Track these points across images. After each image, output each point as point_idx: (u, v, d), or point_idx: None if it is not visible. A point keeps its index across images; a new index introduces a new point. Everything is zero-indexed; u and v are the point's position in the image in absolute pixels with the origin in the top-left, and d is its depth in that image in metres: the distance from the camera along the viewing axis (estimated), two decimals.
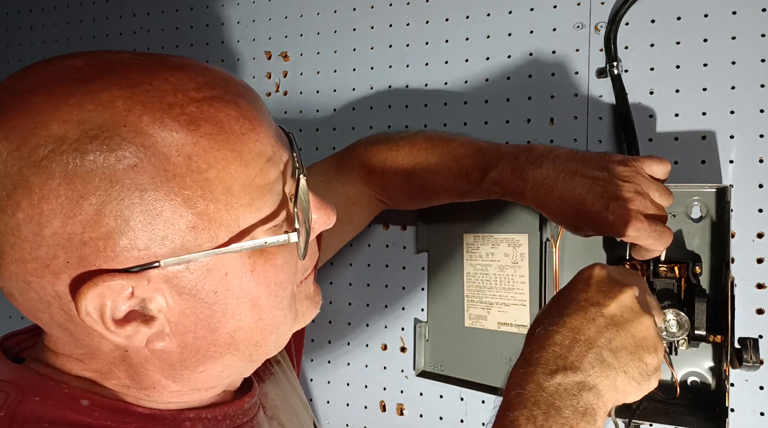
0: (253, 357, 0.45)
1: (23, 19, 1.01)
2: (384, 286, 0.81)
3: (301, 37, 0.85)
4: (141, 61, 0.39)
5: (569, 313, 0.46)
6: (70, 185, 0.35)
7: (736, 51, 0.66)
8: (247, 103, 0.40)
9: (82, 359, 0.42)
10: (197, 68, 0.40)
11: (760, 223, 0.65)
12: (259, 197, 0.40)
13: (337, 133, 0.82)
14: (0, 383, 0.41)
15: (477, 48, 0.76)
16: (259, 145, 0.40)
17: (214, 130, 0.38)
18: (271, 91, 0.86)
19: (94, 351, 0.41)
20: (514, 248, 0.72)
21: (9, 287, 0.39)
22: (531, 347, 0.45)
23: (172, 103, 0.37)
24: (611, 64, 0.69)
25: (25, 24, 1.01)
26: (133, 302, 0.38)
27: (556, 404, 0.42)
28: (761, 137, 0.65)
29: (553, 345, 0.44)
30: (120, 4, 0.95)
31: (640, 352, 0.45)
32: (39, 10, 1.00)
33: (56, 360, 0.43)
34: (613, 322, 0.45)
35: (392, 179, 0.67)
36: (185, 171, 0.37)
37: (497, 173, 0.61)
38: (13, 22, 1.02)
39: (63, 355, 0.43)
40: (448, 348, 0.76)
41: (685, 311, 0.60)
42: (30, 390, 0.40)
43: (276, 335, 0.45)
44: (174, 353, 0.42)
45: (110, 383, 0.43)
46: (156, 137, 0.36)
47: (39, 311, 0.39)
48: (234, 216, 0.39)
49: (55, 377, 0.42)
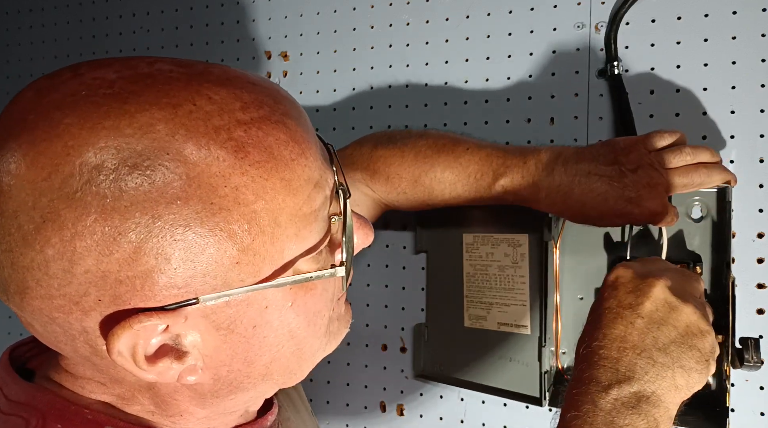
0: (285, 383, 0.44)
1: (23, 19, 1.01)
2: (384, 286, 0.80)
3: (301, 37, 0.85)
4: (181, 74, 0.35)
5: (606, 323, 0.44)
6: (108, 221, 0.32)
7: (736, 51, 0.65)
8: (295, 123, 0.37)
9: (105, 383, 0.40)
10: (242, 83, 0.36)
11: (760, 223, 0.65)
12: (304, 226, 0.37)
13: (337, 133, 0.82)
14: (16, 406, 0.39)
15: (477, 48, 0.76)
16: (308, 171, 0.37)
17: (263, 157, 0.34)
18: None
19: (118, 379, 0.39)
20: (515, 248, 0.71)
21: (30, 319, 0.36)
22: (580, 366, 0.44)
23: (218, 127, 0.34)
24: (611, 64, 0.69)
25: (24, 24, 1.01)
26: (166, 337, 0.35)
27: (616, 423, 0.40)
28: (761, 137, 0.65)
29: (600, 360, 0.43)
30: (120, 4, 0.95)
31: (690, 340, 0.43)
32: (39, 10, 1.00)
33: (74, 382, 0.40)
34: (652, 320, 0.43)
35: (397, 186, 0.67)
36: (232, 204, 0.34)
37: (507, 180, 0.60)
38: (13, 22, 1.02)
39: (82, 378, 0.40)
40: (448, 349, 0.76)
41: None
42: (51, 415, 0.38)
43: (311, 362, 0.44)
44: (206, 385, 0.39)
45: (133, 409, 0.40)
46: (202, 166, 0.33)
47: (62, 342, 0.36)
48: (279, 248, 0.36)
49: (75, 401, 0.39)
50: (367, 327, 0.81)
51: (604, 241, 0.68)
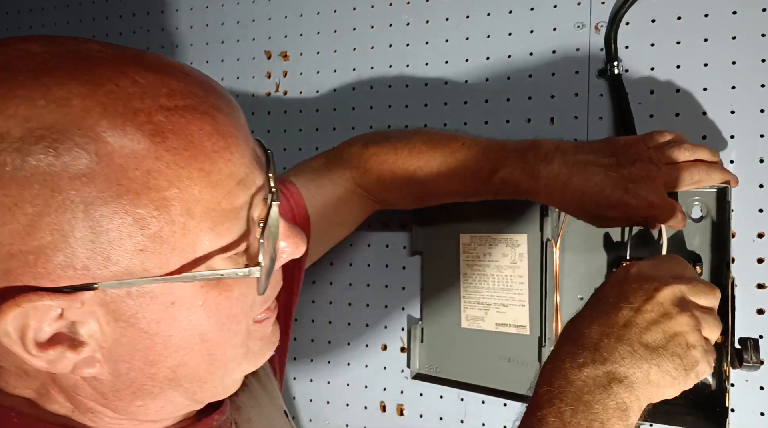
0: (197, 395, 0.41)
1: (23, 19, 1.01)
2: (384, 286, 0.80)
3: (301, 36, 0.85)
4: (110, 54, 0.34)
5: (599, 311, 0.45)
6: (4, 189, 0.31)
7: (736, 51, 0.65)
8: (224, 116, 0.36)
9: (19, 375, 0.37)
10: (174, 72, 0.36)
11: (760, 223, 0.65)
12: (222, 222, 0.35)
13: (337, 133, 0.82)
14: None
15: (477, 48, 0.76)
16: (231, 166, 0.35)
17: (181, 144, 0.33)
18: (271, 90, 0.86)
19: (24, 370, 0.37)
20: (513, 249, 0.71)
21: None
22: (561, 343, 0.44)
23: (137, 110, 0.33)
24: (611, 64, 0.69)
25: (24, 24, 1.01)
26: (61, 325, 0.34)
27: (585, 398, 0.40)
28: (761, 137, 0.65)
29: (582, 338, 0.43)
30: (120, 4, 0.95)
31: (674, 348, 0.42)
32: (39, 10, 1.00)
33: None
34: (645, 319, 0.43)
35: (390, 183, 0.65)
36: (141, 187, 0.33)
37: (507, 172, 0.59)
38: (13, 22, 1.02)
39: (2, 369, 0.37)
40: (444, 350, 0.76)
41: None
42: None
43: (224, 372, 0.41)
44: (106, 381, 0.37)
45: (53, 407, 0.38)
46: (114, 145, 0.32)
47: None
48: (190, 241, 0.34)
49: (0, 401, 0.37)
50: (367, 327, 0.81)
51: (604, 241, 0.68)
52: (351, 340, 0.82)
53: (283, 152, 0.85)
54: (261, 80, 0.87)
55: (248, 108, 0.87)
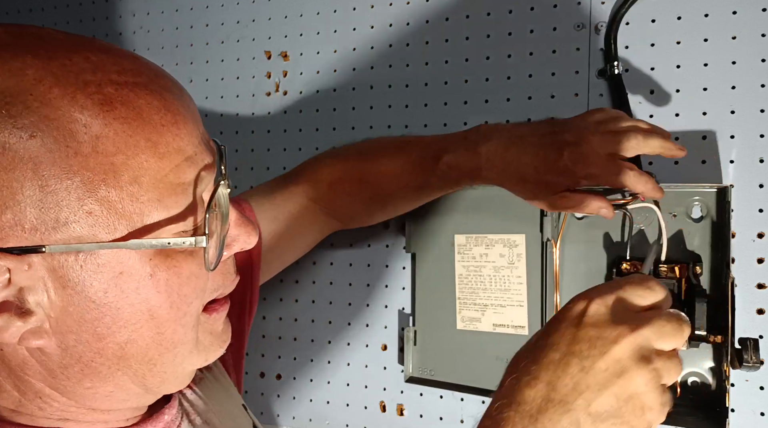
0: (146, 380, 0.40)
1: (23, 19, 1.01)
2: (384, 286, 0.80)
3: (301, 37, 0.85)
4: (67, 38, 0.37)
5: (546, 363, 0.39)
6: None
7: (736, 51, 0.65)
8: (173, 97, 0.37)
9: None
10: (127, 55, 0.37)
11: (760, 223, 0.65)
12: (169, 196, 0.36)
13: (337, 133, 0.82)
14: None
15: (476, 48, 0.76)
16: (178, 140, 0.37)
17: (130, 114, 0.35)
18: (271, 91, 0.86)
19: None
20: (510, 249, 0.71)
21: None
22: (500, 401, 0.40)
23: (88, 81, 0.34)
24: (611, 64, 0.69)
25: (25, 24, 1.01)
26: (9, 292, 0.34)
27: None
28: (761, 137, 0.65)
29: (523, 403, 0.39)
30: (120, 4, 0.95)
31: (627, 415, 0.38)
32: (39, 10, 1.00)
33: None
34: (596, 381, 0.38)
35: (341, 188, 0.67)
36: (90, 151, 0.34)
37: (450, 157, 0.61)
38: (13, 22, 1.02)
39: None
40: (439, 352, 0.76)
41: (685, 311, 0.60)
42: None
43: (173, 357, 0.40)
44: (54, 355, 0.37)
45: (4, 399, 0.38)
46: (63, 110, 0.33)
47: None
48: (138, 210, 0.35)
49: None
50: (367, 327, 0.81)
51: (604, 241, 0.68)
52: (351, 340, 0.82)
53: (283, 152, 0.85)
54: (261, 81, 0.87)
55: (248, 108, 0.87)
